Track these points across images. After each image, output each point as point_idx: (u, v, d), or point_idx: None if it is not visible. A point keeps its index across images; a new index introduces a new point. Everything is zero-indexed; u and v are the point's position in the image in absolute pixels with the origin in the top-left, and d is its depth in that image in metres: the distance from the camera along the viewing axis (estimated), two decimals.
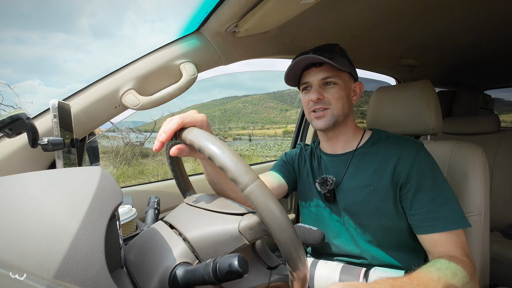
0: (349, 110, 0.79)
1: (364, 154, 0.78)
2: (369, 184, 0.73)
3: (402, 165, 0.70)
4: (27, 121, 0.54)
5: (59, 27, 41.09)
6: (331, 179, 0.78)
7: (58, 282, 0.24)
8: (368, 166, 0.75)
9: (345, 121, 0.79)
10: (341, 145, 0.82)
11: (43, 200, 0.30)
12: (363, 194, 0.74)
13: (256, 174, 0.36)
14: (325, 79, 0.75)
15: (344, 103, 0.76)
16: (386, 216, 0.71)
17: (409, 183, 0.68)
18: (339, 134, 0.81)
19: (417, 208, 0.67)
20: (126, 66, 0.72)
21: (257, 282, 0.43)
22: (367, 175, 0.74)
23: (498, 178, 1.63)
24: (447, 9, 0.97)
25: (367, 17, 0.96)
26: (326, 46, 0.78)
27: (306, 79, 0.78)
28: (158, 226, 0.47)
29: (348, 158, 0.80)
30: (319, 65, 0.76)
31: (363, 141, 0.81)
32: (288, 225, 0.34)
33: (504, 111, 4.70)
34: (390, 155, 0.73)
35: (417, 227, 0.67)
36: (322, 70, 0.75)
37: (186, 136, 0.42)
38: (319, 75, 0.76)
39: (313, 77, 0.77)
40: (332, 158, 0.83)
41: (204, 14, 0.72)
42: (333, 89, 0.75)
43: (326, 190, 0.79)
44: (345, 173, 0.79)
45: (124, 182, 6.03)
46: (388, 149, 0.74)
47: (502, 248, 1.38)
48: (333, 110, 0.76)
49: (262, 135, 26.32)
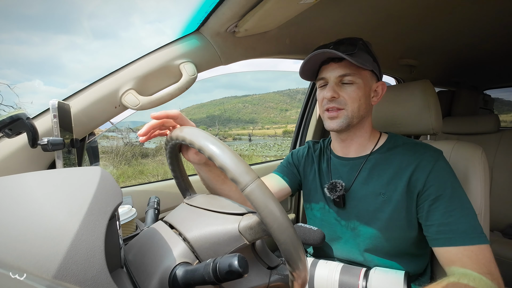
0: (366, 112, 0.73)
1: (379, 160, 0.73)
2: (383, 192, 0.69)
3: (419, 173, 0.66)
4: (27, 121, 0.54)
5: (59, 27, 41.15)
6: (341, 185, 0.74)
7: (58, 282, 0.24)
8: (383, 174, 0.71)
9: (360, 124, 0.74)
10: (355, 149, 0.77)
11: (43, 200, 0.30)
12: (376, 202, 0.70)
13: (256, 174, 0.36)
14: (343, 77, 0.70)
15: (361, 104, 0.70)
16: (397, 226, 0.68)
17: (427, 192, 0.64)
18: (354, 137, 0.76)
19: (434, 219, 0.63)
20: (126, 66, 0.72)
21: (257, 282, 0.43)
22: (382, 183, 0.70)
23: (498, 178, 1.63)
24: (447, 9, 0.97)
25: (367, 17, 0.96)
26: (349, 39, 0.72)
27: (323, 75, 0.73)
28: (158, 226, 0.47)
29: (360, 163, 0.75)
30: (338, 60, 0.70)
31: (378, 146, 0.76)
32: (288, 225, 0.34)
33: (504, 111, 4.70)
34: (407, 163, 0.68)
35: (433, 239, 0.63)
36: (340, 66, 0.70)
37: (186, 136, 0.42)
38: (337, 72, 0.70)
39: (330, 73, 0.71)
40: (344, 161, 0.79)
41: (204, 14, 0.72)
42: (350, 88, 0.70)
43: (335, 196, 0.74)
44: (356, 178, 0.74)
45: (124, 182, 6.03)
46: (405, 156, 0.70)
47: (502, 248, 1.38)
48: (348, 111, 0.70)
49: (262, 135, 26.30)
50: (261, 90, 35.66)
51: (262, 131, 30.85)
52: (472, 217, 0.61)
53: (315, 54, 0.69)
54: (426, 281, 0.74)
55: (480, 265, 0.56)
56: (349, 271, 0.68)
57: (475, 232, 0.59)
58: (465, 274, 0.55)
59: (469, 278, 0.53)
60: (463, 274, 0.55)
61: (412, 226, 0.68)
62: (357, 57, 0.68)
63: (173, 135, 0.47)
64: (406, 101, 0.89)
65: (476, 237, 0.58)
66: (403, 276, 0.62)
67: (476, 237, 0.58)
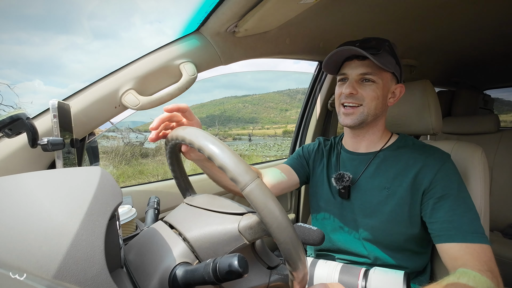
0: (382, 111, 0.75)
1: (387, 157, 0.76)
2: (388, 187, 0.71)
3: (426, 171, 0.68)
4: (27, 121, 0.54)
5: (59, 28, 41.08)
6: (348, 176, 0.76)
7: (58, 282, 0.24)
8: (390, 169, 0.73)
9: (374, 122, 0.76)
10: (365, 145, 0.80)
11: (43, 200, 0.30)
12: (380, 196, 0.72)
13: (256, 174, 0.36)
14: (364, 75, 0.71)
15: (378, 103, 0.72)
16: (399, 221, 0.70)
17: (433, 190, 0.66)
18: (366, 134, 0.79)
19: (438, 216, 0.64)
20: (126, 66, 0.72)
21: (257, 282, 0.43)
22: (388, 178, 0.72)
23: (498, 178, 1.63)
24: (447, 9, 0.97)
25: (367, 17, 0.96)
26: (376, 39, 0.73)
27: (345, 70, 0.74)
28: (158, 226, 0.47)
29: (369, 158, 0.78)
30: (362, 59, 0.71)
31: (388, 144, 0.78)
32: (287, 224, 0.34)
33: (504, 111, 4.71)
34: (414, 161, 0.70)
35: (436, 235, 0.65)
36: (363, 65, 0.71)
37: (185, 136, 0.42)
38: (359, 70, 0.72)
39: (352, 69, 0.73)
40: (353, 155, 0.81)
41: (204, 14, 0.72)
42: (370, 86, 0.71)
43: (341, 186, 0.76)
44: (363, 172, 0.77)
45: (124, 182, 6.03)
46: (413, 154, 0.72)
47: (502, 248, 1.38)
48: (364, 108, 0.72)
49: (262, 135, 26.27)
50: (261, 90, 35.52)
51: (262, 131, 30.80)
52: (475, 219, 0.63)
53: (341, 49, 0.70)
54: (425, 280, 0.74)
55: (481, 262, 0.57)
56: (349, 271, 0.68)
57: (477, 232, 0.61)
58: (465, 273, 0.55)
59: (469, 277, 0.54)
60: (463, 273, 0.55)
61: (414, 223, 0.69)
62: (381, 58, 0.69)
63: (173, 135, 0.47)
64: (406, 101, 0.89)
65: (478, 237, 0.60)
66: (403, 276, 0.62)
67: (478, 237, 0.60)
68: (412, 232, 0.70)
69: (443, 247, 0.63)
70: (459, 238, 0.61)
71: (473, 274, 0.55)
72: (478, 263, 0.57)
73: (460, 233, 0.61)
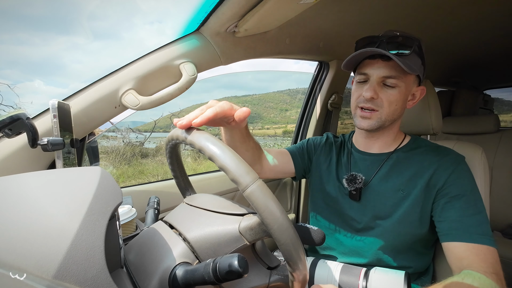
0: (400, 115, 0.73)
1: (400, 158, 0.74)
2: (403, 189, 0.70)
3: (441, 172, 0.67)
4: (26, 121, 0.54)
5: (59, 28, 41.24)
6: (361, 178, 0.73)
7: (58, 282, 0.24)
8: (404, 171, 0.71)
9: (391, 125, 0.74)
10: (379, 146, 0.78)
11: (43, 200, 0.30)
12: (395, 198, 0.70)
13: (257, 175, 0.36)
14: (387, 78, 0.67)
15: (397, 108, 0.69)
16: (410, 221, 0.68)
17: (446, 189, 0.65)
18: (380, 136, 0.76)
19: (447, 215, 0.64)
20: (126, 66, 0.72)
21: (257, 282, 0.43)
22: (402, 180, 0.70)
23: (498, 178, 1.63)
24: (447, 9, 0.97)
25: (366, 17, 0.96)
26: (405, 37, 0.66)
27: (366, 70, 0.69)
28: (158, 226, 0.47)
29: (382, 159, 0.75)
30: (386, 59, 0.66)
31: (401, 145, 0.77)
32: (288, 225, 0.34)
33: (504, 111, 4.70)
34: (429, 163, 0.69)
35: (443, 234, 0.64)
36: (387, 66, 0.66)
37: (186, 137, 0.42)
38: (382, 71, 0.66)
39: (374, 70, 0.67)
40: (365, 156, 0.79)
41: (204, 14, 0.72)
42: (391, 90, 0.67)
43: (353, 188, 0.74)
44: (376, 174, 0.74)
45: (124, 182, 6.02)
46: (427, 156, 0.71)
47: (502, 248, 1.38)
48: (382, 114, 0.68)
49: (262, 135, 26.29)
50: (261, 90, 35.48)
51: (262, 131, 30.79)
52: (484, 222, 0.62)
53: (369, 50, 0.65)
54: (427, 280, 0.74)
55: (487, 264, 0.57)
56: (349, 271, 0.68)
57: (485, 234, 0.60)
58: (470, 274, 0.55)
59: (474, 278, 0.53)
60: (468, 274, 0.55)
61: (423, 222, 0.68)
62: (409, 60, 0.65)
63: (173, 135, 0.47)
64: None
65: (486, 239, 0.60)
66: (403, 276, 0.62)
67: (486, 239, 0.60)
68: (420, 232, 0.69)
69: (449, 246, 0.62)
70: (466, 238, 0.60)
71: (478, 276, 0.54)
72: (484, 265, 0.56)
73: (467, 233, 0.60)
